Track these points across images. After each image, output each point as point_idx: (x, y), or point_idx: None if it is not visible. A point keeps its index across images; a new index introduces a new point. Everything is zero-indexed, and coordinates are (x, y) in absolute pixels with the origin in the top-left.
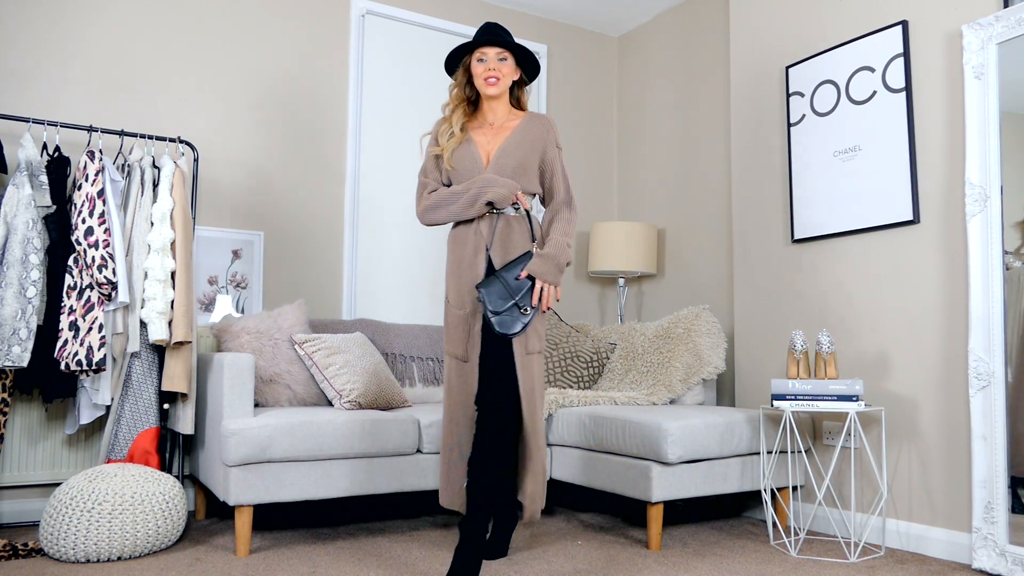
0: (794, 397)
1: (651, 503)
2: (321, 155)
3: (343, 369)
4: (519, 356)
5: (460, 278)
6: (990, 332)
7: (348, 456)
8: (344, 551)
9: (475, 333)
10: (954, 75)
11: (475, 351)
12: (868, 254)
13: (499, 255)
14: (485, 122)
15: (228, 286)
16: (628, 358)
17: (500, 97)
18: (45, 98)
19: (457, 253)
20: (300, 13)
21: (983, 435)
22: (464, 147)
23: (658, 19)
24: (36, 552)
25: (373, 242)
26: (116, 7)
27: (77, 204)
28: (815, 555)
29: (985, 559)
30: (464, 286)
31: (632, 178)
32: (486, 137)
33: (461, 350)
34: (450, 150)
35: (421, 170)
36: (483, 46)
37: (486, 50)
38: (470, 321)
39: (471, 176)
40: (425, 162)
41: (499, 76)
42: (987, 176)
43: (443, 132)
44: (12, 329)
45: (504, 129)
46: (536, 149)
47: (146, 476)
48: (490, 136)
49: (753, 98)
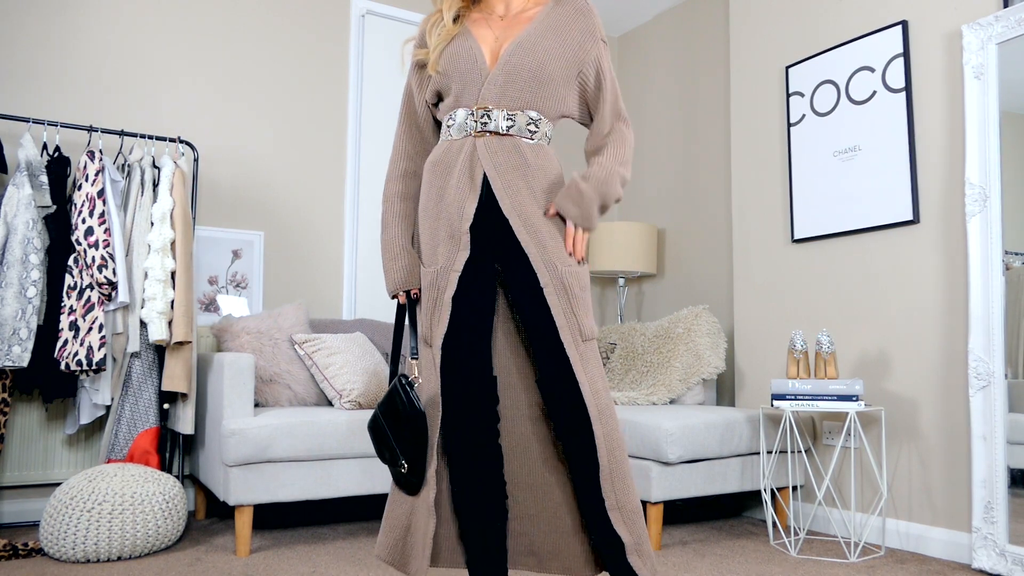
0: (794, 397)
1: (651, 503)
2: (321, 155)
3: (343, 369)
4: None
5: (437, 216)
6: (990, 332)
7: (348, 456)
8: (344, 551)
9: (443, 301)
10: (954, 75)
11: (439, 327)
12: (868, 254)
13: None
14: (493, 13)
15: (228, 286)
16: (628, 358)
17: None
18: (45, 98)
19: (436, 184)
20: (300, 13)
21: (983, 435)
22: (458, 42)
23: (658, 19)
24: (36, 552)
25: (373, 242)
26: (116, 7)
27: (77, 204)
28: (815, 555)
29: (985, 559)
30: (441, 227)
31: (632, 178)
32: (492, 31)
33: (424, 326)
34: (439, 50)
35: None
36: None
37: None
38: (439, 282)
39: (468, 83)
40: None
41: None
42: (987, 176)
43: (431, 26)
44: (12, 329)
45: (520, 19)
46: (569, 45)
47: (146, 476)
48: (498, 29)
49: (753, 98)
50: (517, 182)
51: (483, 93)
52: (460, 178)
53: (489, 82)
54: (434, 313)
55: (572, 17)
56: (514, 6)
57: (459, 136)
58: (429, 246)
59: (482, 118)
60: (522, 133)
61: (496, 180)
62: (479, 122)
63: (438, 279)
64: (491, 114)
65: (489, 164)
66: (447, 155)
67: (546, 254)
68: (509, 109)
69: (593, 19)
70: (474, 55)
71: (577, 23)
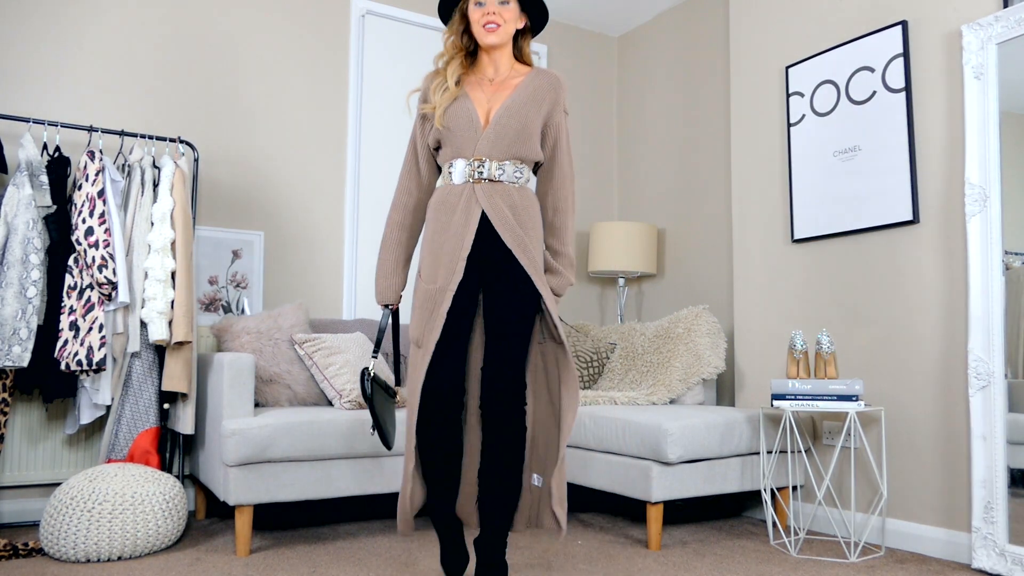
0: (794, 397)
1: (651, 503)
2: (321, 155)
3: (343, 369)
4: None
5: (441, 245)
6: (990, 332)
7: (348, 456)
8: (344, 551)
9: (439, 314)
10: (954, 75)
11: (432, 334)
12: (868, 254)
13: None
14: (484, 77)
15: (228, 286)
16: (628, 358)
17: (501, 47)
18: (45, 98)
19: (441, 220)
20: (300, 13)
21: (983, 435)
22: (459, 104)
23: (658, 19)
24: (36, 552)
25: (374, 242)
26: (116, 7)
27: (77, 204)
28: (815, 555)
29: (985, 559)
30: (444, 254)
31: (632, 178)
32: (485, 94)
33: (418, 332)
34: (443, 107)
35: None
36: None
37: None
38: (437, 298)
39: (466, 139)
40: (412, 133)
41: (500, 22)
42: (987, 176)
43: (436, 87)
44: (12, 329)
45: (506, 86)
46: (542, 110)
47: (146, 476)
48: (490, 93)
49: (753, 98)
50: (509, 219)
51: (478, 147)
52: (461, 216)
53: (483, 138)
54: (429, 322)
55: (547, 89)
56: (502, 72)
57: (460, 181)
58: (431, 268)
59: (478, 168)
60: (510, 179)
61: (494, 218)
62: (476, 171)
63: (436, 295)
64: (485, 164)
65: (487, 205)
66: (450, 196)
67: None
68: (499, 160)
69: (562, 93)
70: (471, 116)
71: (549, 95)
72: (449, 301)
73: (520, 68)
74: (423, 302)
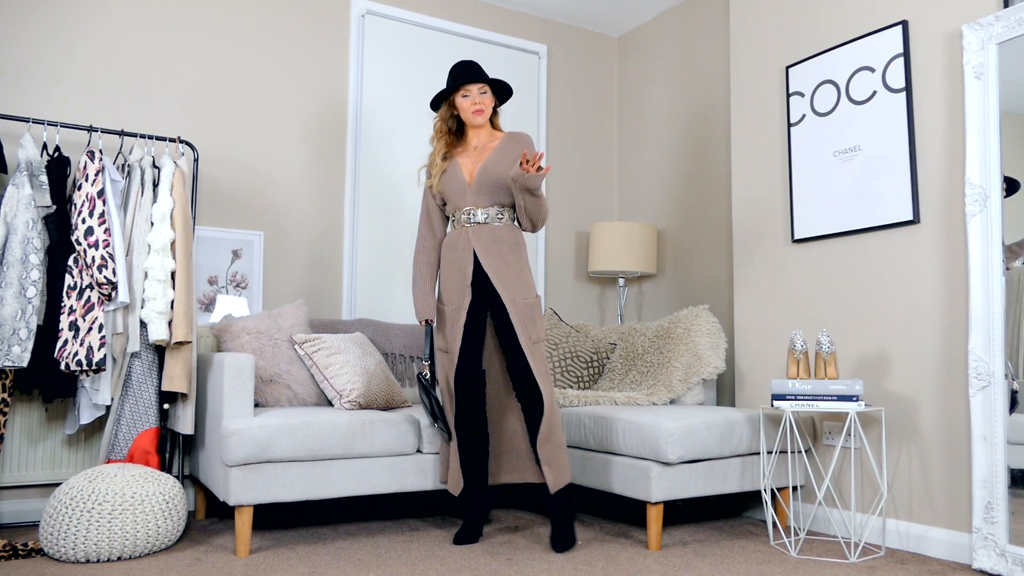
0: (794, 397)
1: (651, 503)
2: (321, 155)
3: (343, 369)
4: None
5: (452, 275)
6: (990, 332)
7: (348, 456)
8: (344, 551)
9: (457, 327)
10: (954, 75)
11: (455, 343)
12: (868, 254)
13: (486, 255)
14: (470, 146)
15: (228, 286)
16: (628, 358)
17: (484, 124)
18: (45, 98)
19: (449, 257)
20: (300, 13)
21: (983, 435)
22: (449, 172)
23: (658, 19)
24: (36, 552)
25: (373, 242)
26: (116, 6)
27: (77, 204)
28: (815, 555)
29: (985, 559)
30: (454, 285)
31: (632, 178)
32: (471, 159)
33: (442, 342)
34: (437, 178)
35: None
36: (467, 84)
37: (470, 87)
38: (454, 316)
39: (458, 196)
40: (424, 196)
41: (483, 108)
42: (987, 176)
43: (430, 165)
44: (12, 329)
45: (486, 149)
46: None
47: (146, 476)
48: (474, 158)
49: (753, 98)
50: (493, 252)
51: (467, 200)
52: (462, 254)
53: (470, 193)
54: (452, 332)
55: (518, 148)
56: (482, 140)
57: (459, 228)
58: (449, 293)
59: (469, 215)
60: (493, 220)
61: (481, 253)
62: (468, 218)
63: (454, 314)
64: (472, 212)
65: (477, 244)
66: (453, 238)
67: (511, 294)
68: (484, 207)
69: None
70: (460, 179)
71: (519, 151)
72: (464, 318)
73: (496, 134)
74: (445, 320)
